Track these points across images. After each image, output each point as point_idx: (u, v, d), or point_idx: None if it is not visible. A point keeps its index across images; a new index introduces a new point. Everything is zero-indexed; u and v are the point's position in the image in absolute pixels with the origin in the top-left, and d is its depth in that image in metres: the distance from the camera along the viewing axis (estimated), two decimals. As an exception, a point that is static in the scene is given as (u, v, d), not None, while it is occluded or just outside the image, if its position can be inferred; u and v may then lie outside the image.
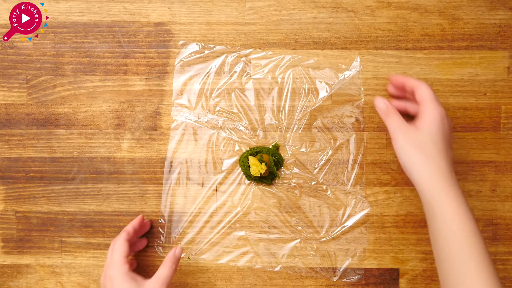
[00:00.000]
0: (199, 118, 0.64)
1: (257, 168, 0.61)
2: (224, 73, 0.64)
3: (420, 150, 0.53)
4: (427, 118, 0.54)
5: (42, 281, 0.65)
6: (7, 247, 0.66)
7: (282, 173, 0.64)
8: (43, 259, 0.65)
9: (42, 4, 0.65)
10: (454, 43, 0.64)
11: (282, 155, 0.64)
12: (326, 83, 0.63)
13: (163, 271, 0.57)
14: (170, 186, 0.65)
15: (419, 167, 0.53)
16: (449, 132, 0.55)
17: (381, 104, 0.57)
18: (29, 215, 0.65)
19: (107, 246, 0.65)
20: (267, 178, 0.63)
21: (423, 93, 0.55)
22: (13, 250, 0.66)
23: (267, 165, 0.61)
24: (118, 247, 0.58)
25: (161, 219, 0.65)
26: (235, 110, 0.64)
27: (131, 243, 0.60)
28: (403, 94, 0.60)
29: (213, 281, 0.65)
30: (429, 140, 0.53)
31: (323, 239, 0.64)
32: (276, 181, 0.64)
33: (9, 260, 0.66)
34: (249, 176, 0.63)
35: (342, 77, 0.63)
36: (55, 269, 0.65)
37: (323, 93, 0.64)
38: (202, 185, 0.65)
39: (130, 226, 0.61)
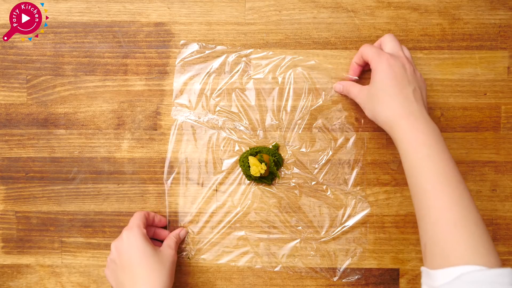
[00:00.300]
0: (199, 118, 0.64)
1: (257, 168, 0.61)
2: (224, 73, 0.64)
3: (376, 102, 0.55)
4: (373, 72, 0.56)
5: (42, 281, 0.65)
6: (7, 247, 0.66)
7: (282, 173, 0.64)
8: (43, 259, 0.65)
9: (42, 4, 0.65)
10: (454, 43, 0.64)
11: (282, 155, 0.64)
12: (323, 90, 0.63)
13: (172, 238, 0.62)
14: (170, 186, 0.65)
15: (382, 116, 0.55)
16: (404, 72, 0.55)
17: (338, 86, 0.63)
18: (29, 215, 0.65)
19: (107, 246, 0.65)
20: (267, 178, 0.63)
21: (365, 53, 0.58)
22: (13, 250, 0.66)
23: (267, 165, 0.61)
24: (137, 215, 0.61)
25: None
26: (235, 110, 0.64)
27: (149, 223, 0.63)
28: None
29: (213, 281, 0.65)
30: (378, 89, 0.55)
31: (323, 239, 0.64)
32: (276, 181, 0.64)
33: (9, 260, 0.66)
34: (249, 176, 0.63)
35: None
36: (55, 269, 0.65)
37: (323, 94, 0.64)
38: (202, 185, 0.65)
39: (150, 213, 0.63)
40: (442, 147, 0.51)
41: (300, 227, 0.64)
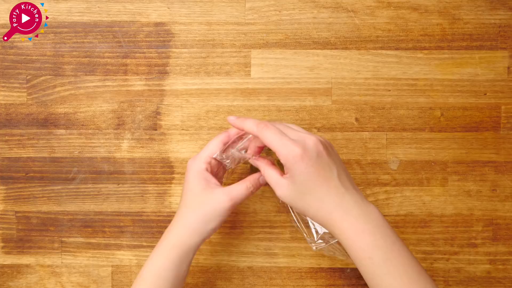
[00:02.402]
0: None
1: None
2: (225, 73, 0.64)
3: (305, 204, 0.50)
4: (288, 170, 0.49)
5: (42, 281, 0.65)
6: (7, 247, 0.66)
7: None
8: (43, 259, 0.65)
9: (42, 4, 0.65)
10: (454, 43, 0.64)
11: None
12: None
13: (238, 188, 0.53)
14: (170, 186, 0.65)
15: (318, 219, 0.50)
16: (321, 161, 0.49)
17: (252, 162, 0.55)
18: (29, 215, 0.65)
19: (107, 246, 0.65)
20: None
21: (266, 139, 0.50)
22: (13, 250, 0.66)
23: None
24: (209, 145, 0.56)
25: None
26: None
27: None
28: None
29: (213, 281, 0.65)
30: (303, 193, 0.49)
31: (331, 243, 0.64)
32: None
33: (9, 260, 0.66)
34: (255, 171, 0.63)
35: None
36: (55, 269, 0.65)
37: (322, 97, 0.64)
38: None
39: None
40: (392, 240, 0.48)
41: (300, 227, 0.64)
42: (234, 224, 0.65)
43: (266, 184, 0.55)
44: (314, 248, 0.57)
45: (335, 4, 0.64)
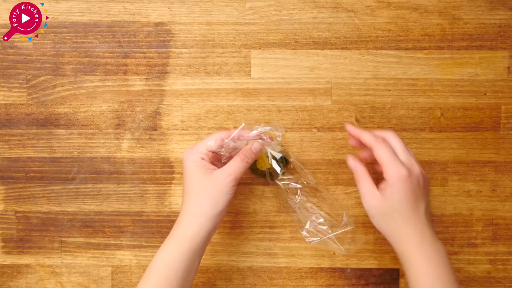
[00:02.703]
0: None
1: (263, 162, 0.60)
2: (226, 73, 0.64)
3: (388, 220, 0.54)
4: (388, 186, 0.53)
5: (42, 281, 0.65)
6: (7, 247, 0.66)
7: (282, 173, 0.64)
8: (43, 259, 0.65)
9: (42, 4, 0.65)
10: (454, 43, 0.64)
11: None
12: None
13: (234, 162, 0.55)
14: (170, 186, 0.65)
15: (392, 237, 0.54)
16: (419, 190, 0.54)
17: (351, 164, 0.57)
18: (29, 215, 0.65)
19: (107, 246, 0.65)
20: (272, 174, 0.62)
21: (379, 155, 0.54)
22: (13, 250, 0.66)
23: (281, 160, 0.61)
24: (207, 139, 0.56)
25: None
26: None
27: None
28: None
29: (213, 281, 0.65)
30: (394, 210, 0.53)
31: (323, 239, 0.64)
32: (279, 179, 0.63)
33: (9, 260, 0.66)
34: (255, 170, 0.63)
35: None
36: (55, 269, 0.65)
37: (322, 97, 0.64)
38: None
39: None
40: (452, 277, 0.52)
41: (300, 227, 0.64)
42: (234, 224, 0.65)
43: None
44: (307, 240, 0.59)
45: (335, 4, 0.64)
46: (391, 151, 0.54)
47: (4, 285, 0.65)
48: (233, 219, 0.65)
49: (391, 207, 0.53)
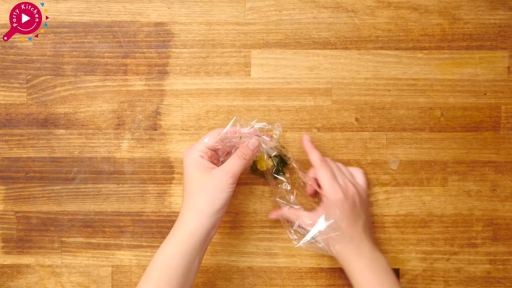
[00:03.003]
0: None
1: (264, 162, 0.60)
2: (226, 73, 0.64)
3: (329, 240, 0.58)
4: (327, 207, 0.59)
5: (42, 281, 0.65)
6: (7, 247, 0.66)
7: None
8: (43, 259, 0.65)
9: (42, 4, 0.65)
10: (454, 43, 0.64)
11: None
12: None
13: (232, 160, 0.56)
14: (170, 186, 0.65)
15: (336, 254, 0.58)
16: (355, 208, 0.59)
17: (280, 214, 0.62)
18: (29, 215, 0.65)
19: (107, 246, 0.65)
20: (271, 174, 0.62)
21: (321, 177, 0.59)
22: (13, 250, 0.66)
23: (279, 158, 0.61)
24: (205, 137, 0.57)
25: None
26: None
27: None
28: None
29: (213, 281, 0.65)
30: (333, 230, 0.57)
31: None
32: (277, 180, 0.63)
33: (9, 260, 0.66)
34: (255, 170, 0.63)
35: None
36: (55, 269, 0.65)
37: (322, 97, 0.64)
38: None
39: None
40: (394, 281, 0.56)
41: (300, 227, 0.64)
42: (234, 224, 0.65)
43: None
44: (295, 243, 0.60)
45: (335, 4, 0.64)
46: (332, 174, 0.59)
47: (4, 285, 0.65)
48: (233, 219, 0.65)
49: (330, 228, 0.57)
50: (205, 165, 0.56)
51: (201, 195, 0.54)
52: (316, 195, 0.62)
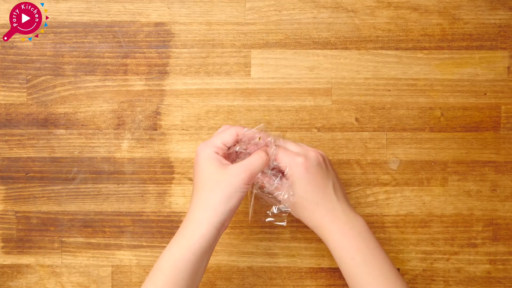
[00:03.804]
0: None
1: None
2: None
3: (300, 210, 0.55)
4: (290, 177, 0.54)
5: (42, 281, 0.65)
6: (7, 247, 0.66)
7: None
8: (43, 259, 0.65)
9: (42, 4, 0.65)
10: (454, 43, 0.64)
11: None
12: None
13: (252, 159, 0.53)
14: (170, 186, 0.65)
15: (310, 224, 0.55)
16: (321, 171, 0.54)
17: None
18: (29, 215, 0.65)
19: (107, 246, 0.65)
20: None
21: (280, 159, 0.55)
22: (13, 250, 0.66)
23: None
24: (223, 134, 0.55)
25: None
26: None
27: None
28: None
29: (213, 281, 0.65)
30: (302, 199, 0.54)
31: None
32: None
33: (9, 260, 0.66)
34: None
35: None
36: (55, 269, 0.65)
37: (322, 97, 0.64)
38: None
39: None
40: (373, 245, 0.53)
41: (300, 227, 0.64)
42: (234, 224, 0.65)
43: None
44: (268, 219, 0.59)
45: (335, 4, 0.64)
46: (286, 149, 0.55)
47: (4, 285, 0.65)
48: (233, 219, 0.65)
49: (298, 196, 0.54)
50: (221, 161, 0.53)
51: (215, 191, 0.52)
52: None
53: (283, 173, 0.55)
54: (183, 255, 0.51)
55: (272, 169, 0.55)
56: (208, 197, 0.52)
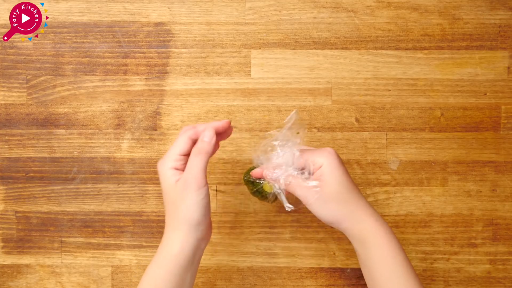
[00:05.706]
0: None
1: (269, 184, 0.55)
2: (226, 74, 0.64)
3: (335, 206, 0.51)
4: (323, 171, 0.51)
5: (42, 281, 0.65)
6: (7, 247, 0.66)
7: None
8: (43, 259, 0.65)
9: (42, 4, 0.65)
10: (454, 43, 0.64)
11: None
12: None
13: (190, 165, 0.50)
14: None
15: (344, 221, 0.52)
16: (343, 177, 0.52)
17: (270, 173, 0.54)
18: (29, 215, 0.65)
19: (107, 246, 0.65)
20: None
21: (317, 157, 0.52)
22: (13, 250, 0.66)
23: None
24: (176, 142, 0.51)
25: None
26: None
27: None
28: None
29: (213, 281, 0.65)
30: (337, 194, 0.51)
31: (323, 238, 0.64)
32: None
33: (9, 260, 0.66)
34: (258, 193, 0.57)
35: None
36: (55, 269, 0.65)
37: (322, 97, 0.64)
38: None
39: (211, 128, 0.52)
40: (400, 248, 0.52)
41: (300, 227, 0.64)
42: (234, 224, 0.65)
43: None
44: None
45: (335, 4, 0.64)
46: (306, 149, 0.54)
47: (4, 285, 0.65)
48: (233, 219, 0.65)
49: (333, 188, 0.51)
50: (176, 176, 0.51)
51: (175, 211, 0.50)
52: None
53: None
54: (162, 275, 0.50)
55: (302, 170, 0.53)
56: (173, 217, 0.51)
